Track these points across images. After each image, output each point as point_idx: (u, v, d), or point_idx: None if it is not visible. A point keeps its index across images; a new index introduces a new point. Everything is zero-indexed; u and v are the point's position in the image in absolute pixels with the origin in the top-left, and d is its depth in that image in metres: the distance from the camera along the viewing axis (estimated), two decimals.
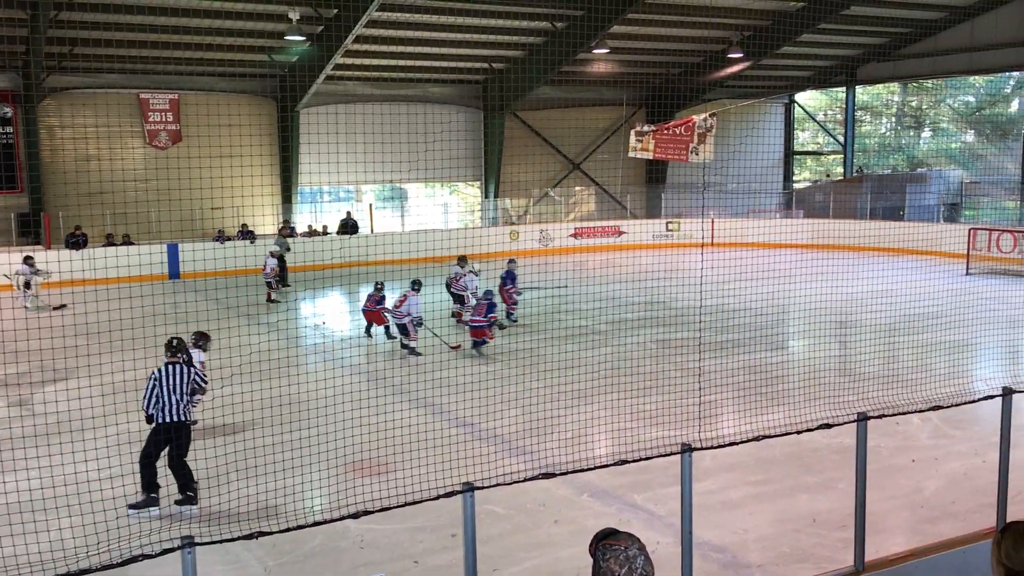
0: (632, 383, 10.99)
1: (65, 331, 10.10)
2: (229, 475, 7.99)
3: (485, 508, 7.64)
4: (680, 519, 5.38)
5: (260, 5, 21.89)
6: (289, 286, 22.12)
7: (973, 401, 8.40)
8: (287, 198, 28.01)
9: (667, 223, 30.00)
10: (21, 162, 24.53)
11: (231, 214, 25.05)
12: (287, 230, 25.25)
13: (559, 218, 31.37)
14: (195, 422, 10.55)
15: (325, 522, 7.22)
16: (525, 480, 5.75)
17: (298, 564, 7.19)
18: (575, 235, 29.41)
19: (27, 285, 19.22)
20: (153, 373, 8.23)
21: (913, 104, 38.14)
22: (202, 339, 10.70)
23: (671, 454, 5.57)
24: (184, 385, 8.24)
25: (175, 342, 8.62)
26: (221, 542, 4.87)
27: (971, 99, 36.39)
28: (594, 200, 32.94)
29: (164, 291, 20.38)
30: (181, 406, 8.17)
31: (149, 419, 8.24)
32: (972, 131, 35.75)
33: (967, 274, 21.66)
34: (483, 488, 4.99)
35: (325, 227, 27.60)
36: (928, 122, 38.21)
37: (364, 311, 15.79)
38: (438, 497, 5.06)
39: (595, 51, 27.67)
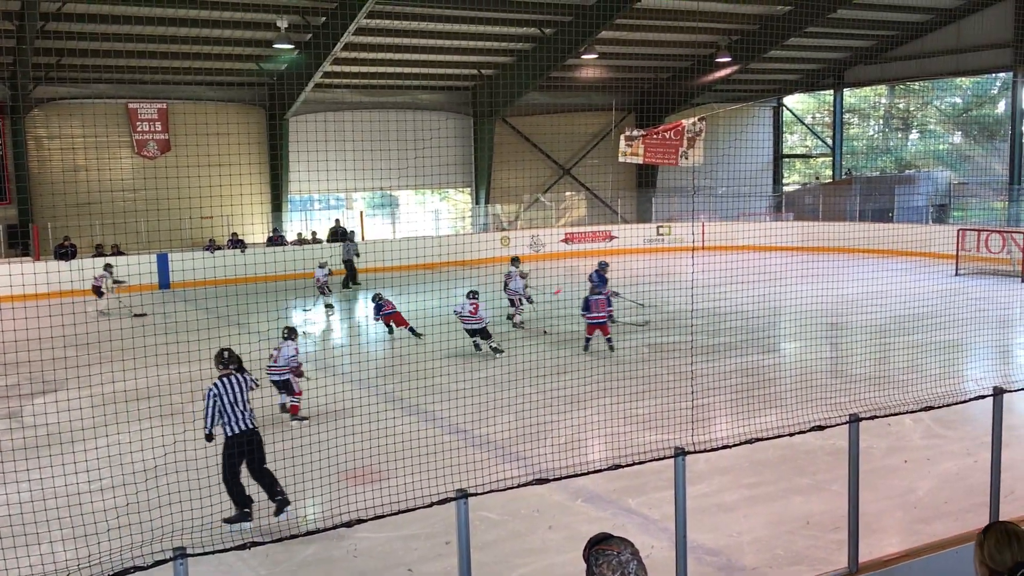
0: (625, 387, 10.99)
1: (55, 342, 10.05)
2: (221, 485, 7.95)
3: (479, 515, 7.63)
4: (674, 523, 5.38)
5: (248, 14, 21.86)
6: (359, 284, 23.44)
7: (964, 401, 8.42)
8: (277, 206, 27.95)
9: (658, 227, 30.05)
10: (9, 173, 24.41)
11: (221, 223, 25.04)
12: (351, 235, 25.36)
13: (550, 223, 31.39)
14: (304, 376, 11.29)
15: (318, 531, 7.21)
16: (519, 486, 5.73)
17: (292, 574, 7.16)
18: (566, 240, 29.43)
19: (98, 293, 19.84)
20: (211, 390, 7.98)
21: (900, 106, 38.35)
22: (293, 333, 11.66)
23: (664, 458, 5.57)
24: (245, 393, 8.06)
25: (226, 354, 8.34)
26: (214, 553, 4.84)
27: (958, 100, 36.60)
28: (585, 205, 32.98)
29: (154, 301, 20.38)
30: (247, 415, 7.99)
31: (209, 437, 8.07)
32: (959, 132, 35.94)
33: (956, 275, 21.74)
34: (477, 494, 4.98)
35: (314, 233, 27.58)
36: (916, 124, 38.42)
37: (386, 315, 16.24)
38: (431, 504, 5.04)
39: (584, 57, 27.73)
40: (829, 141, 36.84)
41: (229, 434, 7.94)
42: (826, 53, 32.82)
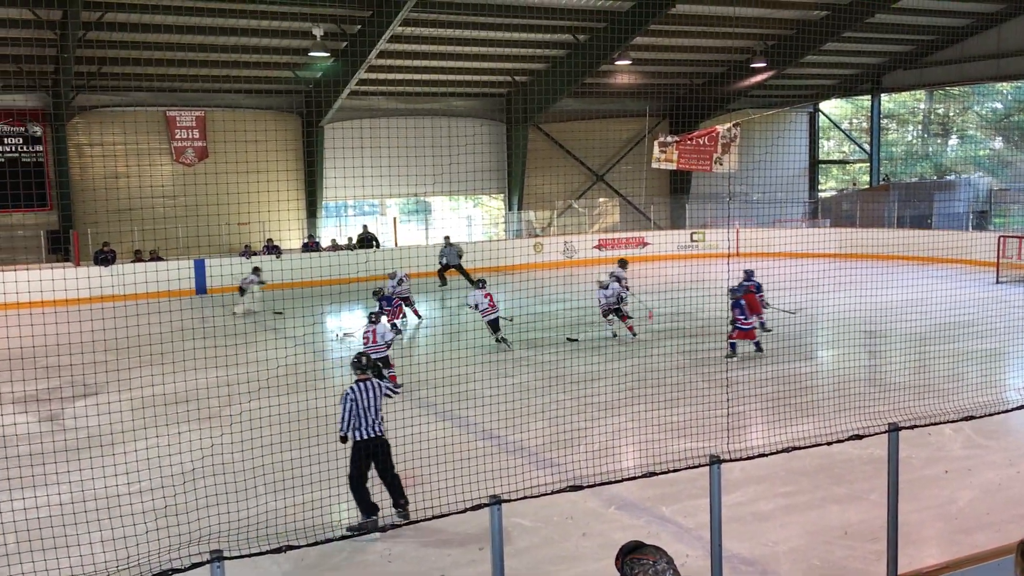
0: (659, 394, 10.93)
1: (95, 346, 10.21)
2: (257, 489, 8.03)
3: (512, 521, 7.63)
4: (709, 531, 5.33)
5: (284, 23, 22.10)
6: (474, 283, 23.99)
7: (1006, 411, 8.29)
8: (312, 213, 28.21)
9: (692, 234, 29.87)
10: (51, 180, 24.88)
11: (257, 229, 25.28)
12: (448, 240, 25.46)
13: (583, 230, 31.35)
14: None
15: (353, 535, 7.25)
16: (552, 493, 5.72)
17: None
18: (599, 246, 29.35)
19: (241, 292, 20.97)
20: (347, 393, 8.05)
21: (940, 111, 37.77)
22: (378, 316, 12.81)
23: (699, 466, 5.53)
24: (378, 400, 8.12)
25: (363, 359, 8.41)
26: (250, 556, 4.89)
27: (998, 106, 35.99)
28: (618, 211, 32.88)
29: (192, 306, 20.62)
30: (377, 422, 8.05)
31: (344, 439, 8.14)
32: (1000, 138, 35.34)
33: (998, 282, 21.38)
34: (510, 501, 4.97)
35: (350, 239, 27.76)
36: (955, 129, 37.83)
37: (398, 306, 17.13)
38: (465, 510, 5.05)
39: (618, 63, 27.66)
40: (866, 147, 36.39)
41: (358, 439, 7.99)
42: (863, 58, 32.44)
